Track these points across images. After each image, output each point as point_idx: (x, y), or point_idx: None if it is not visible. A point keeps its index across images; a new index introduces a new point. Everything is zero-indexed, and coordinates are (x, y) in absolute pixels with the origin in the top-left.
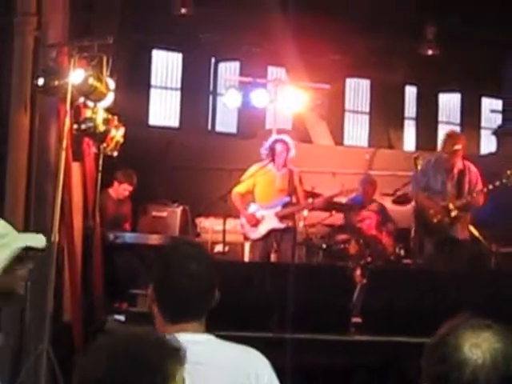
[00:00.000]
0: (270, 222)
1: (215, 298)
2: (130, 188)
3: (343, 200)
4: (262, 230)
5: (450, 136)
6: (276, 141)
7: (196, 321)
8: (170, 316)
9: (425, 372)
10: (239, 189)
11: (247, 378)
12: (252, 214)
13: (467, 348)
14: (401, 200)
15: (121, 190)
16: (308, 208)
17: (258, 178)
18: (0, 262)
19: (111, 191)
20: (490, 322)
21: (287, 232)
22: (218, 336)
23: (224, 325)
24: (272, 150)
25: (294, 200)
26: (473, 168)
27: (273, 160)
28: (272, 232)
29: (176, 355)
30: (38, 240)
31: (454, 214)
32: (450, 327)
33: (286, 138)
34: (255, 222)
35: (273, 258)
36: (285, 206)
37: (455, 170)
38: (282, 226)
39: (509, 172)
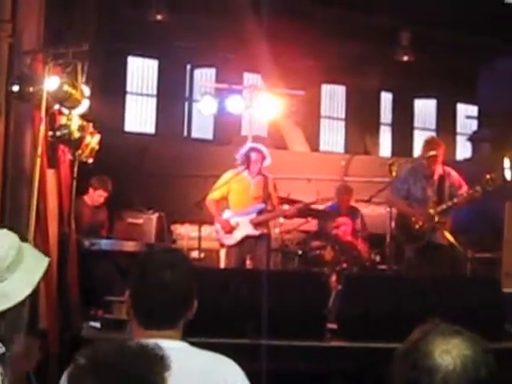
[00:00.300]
0: (245, 229)
1: (192, 305)
2: (104, 194)
3: (319, 207)
4: (237, 236)
5: (427, 142)
6: (251, 149)
7: (170, 328)
8: (144, 323)
9: (396, 378)
10: (214, 195)
11: None
12: (227, 220)
13: (438, 354)
14: (376, 204)
15: (96, 196)
16: (282, 215)
17: (232, 185)
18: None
19: (86, 198)
20: (460, 328)
21: (262, 239)
22: (193, 343)
23: (200, 331)
24: (247, 157)
25: (269, 207)
26: (453, 173)
27: (248, 168)
28: (247, 239)
29: (162, 363)
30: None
31: (435, 219)
32: (421, 333)
33: (261, 146)
34: (230, 229)
35: (248, 264)
36: (259, 212)
37: (435, 176)
38: (256, 232)
39: (488, 176)
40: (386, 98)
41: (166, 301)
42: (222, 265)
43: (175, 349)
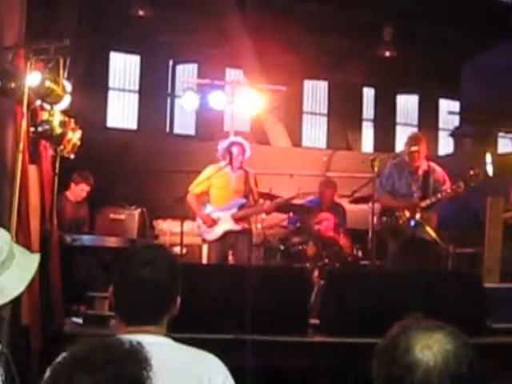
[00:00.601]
0: (226, 224)
1: (175, 302)
2: (87, 188)
3: (301, 202)
4: (218, 231)
5: (410, 138)
6: (232, 143)
7: (152, 324)
8: (125, 319)
9: (376, 374)
10: (194, 190)
11: (199, 381)
12: (208, 215)
13: (418, 349)
14: (358, 200)
15: (78, 190)
16: (263, 211)
17: (213, 180)
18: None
19: (69, 194)
20: (440, 323)
21: (243, 234)
22: (176, 339)
23: (182, 327)
24: (229, 152)
25: (250, 202)
26: (438, 169)
27: (230, 162)
28: (228, 234)
29: (148, 363)
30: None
31: (419, 215)
32: (401, 328)
33: (242, 140)
34: (211, 223)
35: (230, 259)
36: (240, 207)
37: (420, 172)
38: (237, 227)
39: (471, 172)
40: (369, 94)
41: (146, 297)
42: (205, 260)
43: (158, 344)
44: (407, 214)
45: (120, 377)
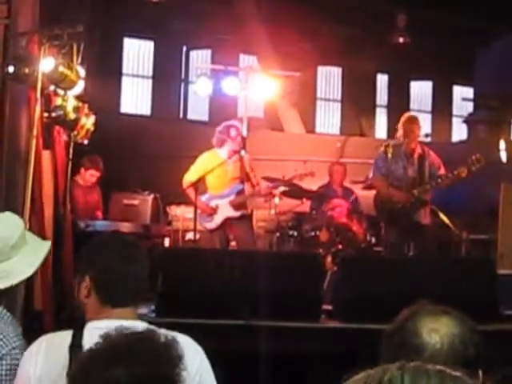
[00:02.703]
0: (225, 211)
1: (142, 285)
2: (97, 174)
3: (313, 188)
4: (218, 220)
5: (404, 121)
6: (229, 126)
7: (126, 307)
8: (101, 301)
9: (384, 357)
10: (191, 178)
11: None
12: (206, 203)
13: (425, 333)
14: (371, 187)
15: (88, 176)
16: (260, 195)
17: (209, 167)
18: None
19: (78, 178)
20: (448, 307)
21: (243, 220)
22: (189, 324)
23: (196, 313)
24: (227, 134)
25: (249, 187)
26: (431, 152)
27: (238, 149)
28: (228, 221)
29: (180, 360)
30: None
31: (416, 199)
32: (409, 313)
33: (237, 123)
34: (210, 212)
35: (233, 246)
36: (238, 193)
37: (415, 155)
38: (237, 214)
39: (473, 157)
40: (382, 80)
41: (125, 280)
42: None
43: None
44: (404, 198)
45: (156, 373)
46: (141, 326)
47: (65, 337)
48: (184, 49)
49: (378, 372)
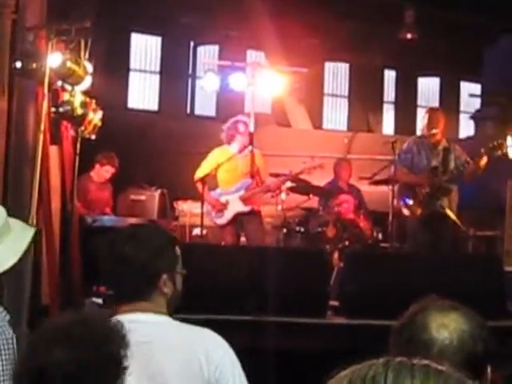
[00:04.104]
0: (235, 206)
1: (159, 278)
2: (112, 170)
3: (320, 184)
4: (228, 215)
5: (429, 117)
6: (237, 121)
7: (141, 300)
8: (115, 295)
9: (392, 353)
10: (199, 174)
11: (195, 356)
12: (216, 199)
13: (434, 328)
14: (378, 183)
15: (103, 172)
16: (269, 189)
17: (220, 163)
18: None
19: (93, 174)
20: (457, 303)
21: (253, 215)
22: (197, 320)
23: (203, 308)
24: (235, 130)
25: (257, 181)
26: (458, 147)
27: (247, 144)
28: (238, 216)
29: (126, 342)
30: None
31: (440, 187)
32: (418, 308)
33: (245, 118)
34: (220, 208)
35: (243, 241)
36: (248, 188)
37: (440, 147)
38: (247, 209)
39: (495, 143)
40: (390, 76)
41: (127, 272)
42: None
43: (156, 322)
44: (427, 188)
45: (97, 353)
46: (158, 319)
47: None
48: (191, 44)
49: (364, 368)
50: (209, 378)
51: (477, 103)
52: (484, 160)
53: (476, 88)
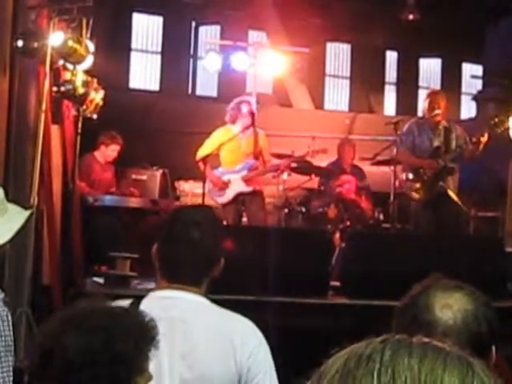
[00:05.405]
0: (237, 186)
1: (218, 264)
2: (117, 148)
3: (322, 164)
4: (230, 194)
5: (430, 99)
6: (241, 102)
7: (193, 285)
8: (168, 277)
9: (395, 332)
10: (201, 153)
11: (230, 343)
12: (218, 177)
13: (438, 308)
14: (379, 163)
15: (109, 151)
16: (272, 170)
17: (223, 142)
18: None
19: (97, 154)
20: (461, 283)
21: (255, 195)
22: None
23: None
24: (238, 110)
25: (260, 162)
26: (458, 126)
27: (250, 124)
28: (239, 196)
29: (151, 343)
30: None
31: (443, 167)
32: (421, 288)
33: (249, 98)
34: (222, 186)
35: (244, 221)
36: (250, 168)
37: (440, 127)
38: (249, 189)
39: (496, 119)
40: (391, 57)
41: (190, 258)
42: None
43: (193, 301)
44: (431, 170)
45: (105, 349)
46: (201, 301)
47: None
48: (193, 24)
49: (362, 346)
50: (241, 364)
51: (478, 84)
52: (485, 137)
53: (478, 69)
